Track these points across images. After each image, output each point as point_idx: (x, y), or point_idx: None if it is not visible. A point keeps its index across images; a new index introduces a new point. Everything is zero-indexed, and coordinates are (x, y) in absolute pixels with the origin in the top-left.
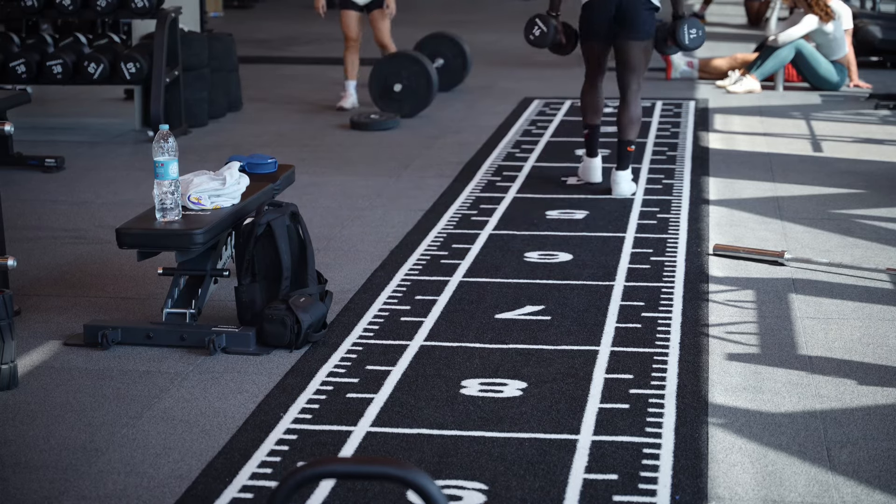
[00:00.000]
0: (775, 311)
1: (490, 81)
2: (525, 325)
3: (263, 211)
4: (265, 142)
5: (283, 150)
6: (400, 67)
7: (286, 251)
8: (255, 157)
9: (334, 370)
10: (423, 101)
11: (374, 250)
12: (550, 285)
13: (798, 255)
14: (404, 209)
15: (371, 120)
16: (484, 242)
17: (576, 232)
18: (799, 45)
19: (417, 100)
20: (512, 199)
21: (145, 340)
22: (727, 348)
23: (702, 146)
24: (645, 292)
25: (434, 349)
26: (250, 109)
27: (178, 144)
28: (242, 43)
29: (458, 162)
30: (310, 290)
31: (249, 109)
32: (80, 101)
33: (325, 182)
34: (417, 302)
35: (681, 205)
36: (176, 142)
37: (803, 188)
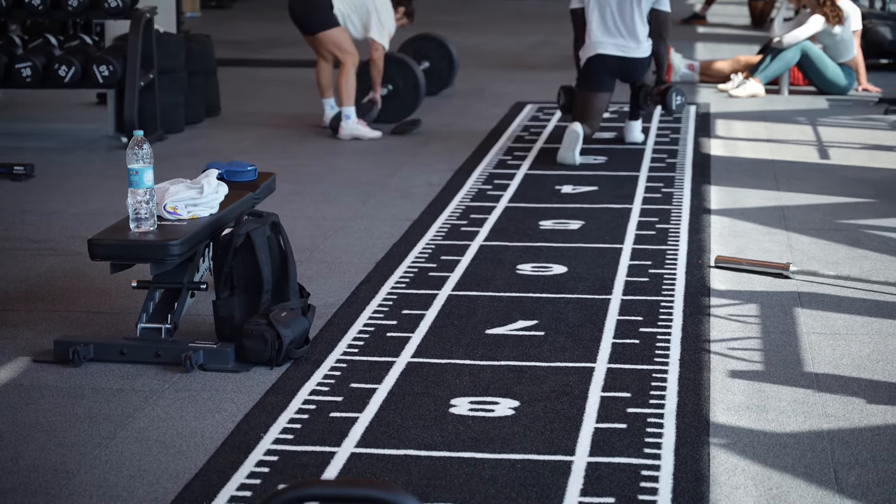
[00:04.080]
0: (780, 327)
1: (480, 85)
2: (517, 340)
3: (243, 221)
4: (244, 148)
5: (263, 157)
6: (386, 71)
7: (266, 263)
8: (234, 165)
9: (317, 388)
10: (410, 106)
11: (358, 262)
12: (544, 299)
13: (804, 268)
14: (391, 219)
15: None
16: (474, 254)
17: (570, 243)
18: (805, 47)
19: (404, 105)
20: (504, 208)
21: (119, 357)
22: (730, 365)
23: (703, 153)
24: (643, 306)
25: (422, 366)
26: (229, 114)
27: (154, 151)
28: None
29: (447, 169)
30: (291, 304)
31: (228, 114)
32: (51, 106)
33: (307, 191)
34: (404, 316)
35: (681, 214)
36: (151, 148)
37: (809, 197)
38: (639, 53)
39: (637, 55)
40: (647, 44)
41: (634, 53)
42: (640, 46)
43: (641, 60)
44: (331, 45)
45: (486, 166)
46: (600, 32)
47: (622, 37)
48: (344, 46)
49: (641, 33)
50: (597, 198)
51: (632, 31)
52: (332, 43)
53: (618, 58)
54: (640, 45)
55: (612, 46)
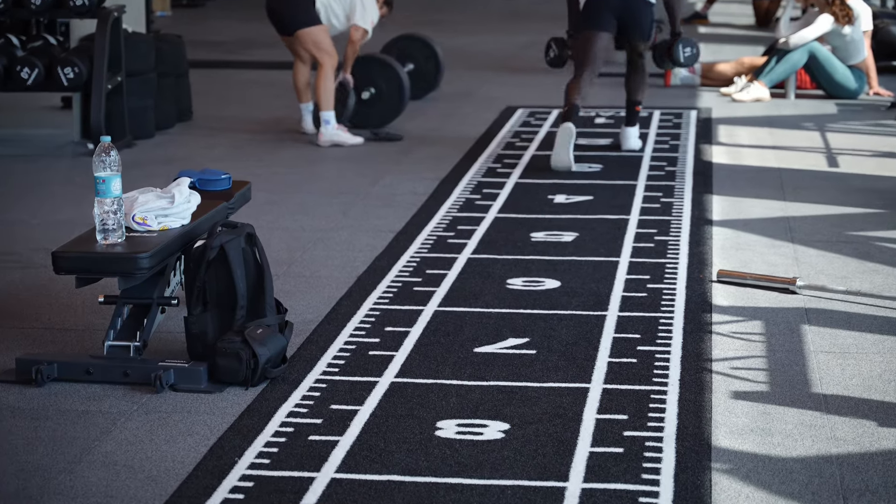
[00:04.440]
0: (786, 345)
1: (468, 88)
2: (507, 359)
3: (216, 232)
4: (218, 155)
5: (238, 165)
6: (368, 73)
7: (241, 277)
8: (207, 173)
9: (295, 410)
10: (393, 110)
11: (339, 276)
12: (536, 315)
13: (811, 282)
14: (373, 230)
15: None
16: (462, 268)
17: (564, 256)
18: (813, 49)
19: (387, 109)
20: (493, 219)
21: (84, 376)
22: (733, 386)
23: (704, 160)
24: (641, 323)
25: (406, 386)
26: (202, 119)
27: (122, 158)
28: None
29: (433, 178)
30: (268, 321)
31: (201, 119)
32: (13, 110)
33: (284, 200)
34: (388, 334)
35: (681, 226)
36: (119, 155)
37: (817, 207)
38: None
39: None
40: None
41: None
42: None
43: (646, 4)
44: (310, 44)
45: (475, 174)
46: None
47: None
48: (323, 46)
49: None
50: (592, 208)
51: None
52: (312, 42)
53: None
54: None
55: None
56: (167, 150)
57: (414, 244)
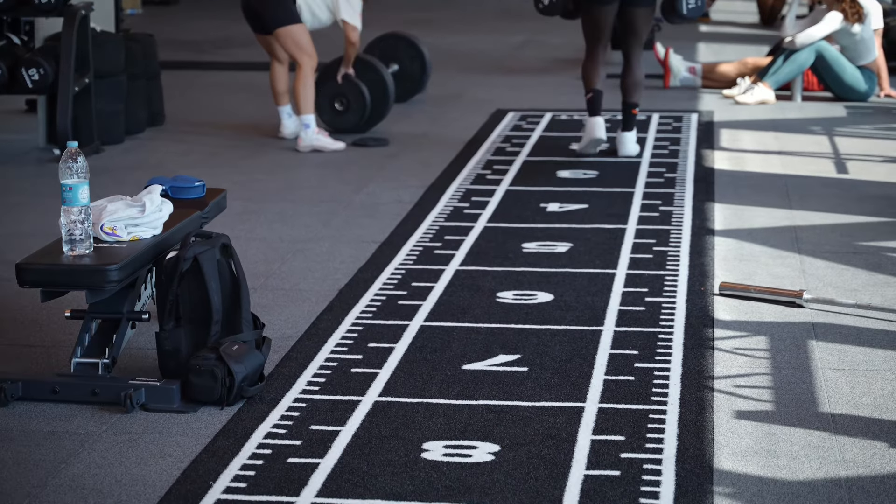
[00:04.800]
0: (792, 362)
1: (456, 90)
2: (497, 377)
3: (190, 243)
4: (192, 161)
5: (212, 172)
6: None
7: (216, 290)
8: (179, 180)
9: (273, 431)
10: (377, 114)
11: (319, 289)
12: (527, 331)
13: (819, 296)
14: (355, 241)
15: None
16: (449, 280)
17: (557, 268)
18: (820, 48)
19: (371, 112)
20: (482, 229)
21: (51, 396)
22: (736, 405)
23: (706, 167)
24: (639, 339)
25: (390, 406)
26: (174, 123)
27: (90, 165)
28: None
29: (419, 185)
30: (244, 337)
31: (173, 123)
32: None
33: (262, 209)
34: (371, 350)
35: (681, 236)
36: (86, 162)
37: (825, 216)
38: None
39: None
40: None
41: None
42: None
43: None
44: (290, 43)
45: (463, 181)
46: None
47: None
48: (304, 45)
49: None
50: (587, 217)
51: None
52: (292, 41)
53: None
54: None
55: None
56: (137, 156)
57: (399, 255)
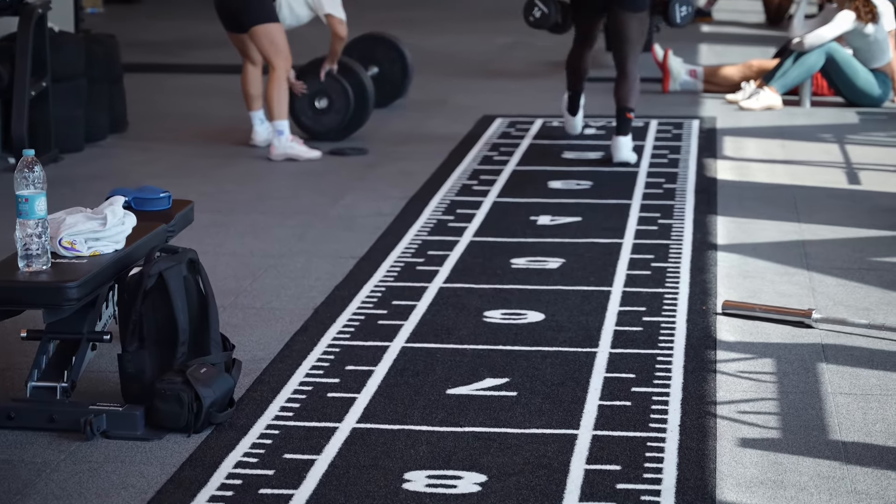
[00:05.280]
0: (800, 386)
1: (440, 95)
2: (484, 402)
3: (154, 258)
4: (157, 171)
5: (179, 182)
6: (327, 78)
7: (183, 309)
8: (144, 191)
9: (244, 459)
10: (355, 120)
11: (293, 308)
12: (516, 353)
13: (829, 315)
14: (332, 256)
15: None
16: (433, 299)
17: (549, 285)
18: (831, 50)
19: (348, 119)
20: (468, 243)
21: (5, 422)
22: (740, 432)
23: (708, 177)
24: (636, 362)
25: (370, 433)
26: (138, 130)
27: (47, 174)
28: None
29: (401, 197)
30: (213, 359)
31: (137, 130)
32: None
33: (232, 222)
34: (349, 373)
35: (681, 251)
36: (44, 171)
37: (836, 230)
38: None
39: None
40: None
41: None
42: None
43: None
44: (266, 43)
45: (448, 193)
46: None
47: None
48: (280, 46)
49: None
50: (580, 231)
51: None
52: (269, 41)
53: None
54: None
55: None
56: (99, 165)
57: (378, 272)
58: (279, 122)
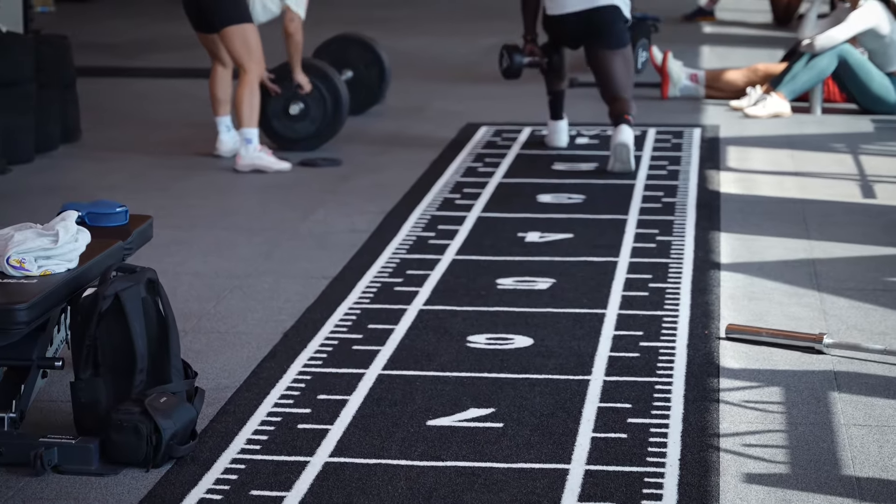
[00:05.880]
0: (811, 417)
1: (420, 101)
2: (468, 434)
3: (110, 279)
4: (113, 183)
5: (137, 196)
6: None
7: (141, 333)
8: (99, 206)
9: (207, 497)
10: (328, 128)
11: (261, 332)
12: (503, 380)
13: (842, 340)
14: (303, 276)
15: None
16: (412, 322)
17: (538, 307)
18: (843, 53)
19: (320, 126)
20: (450, 262)
21: None
22: (745, 466)
23: (710, 190)
24: (632, 390)
25: (344, 468)
26: (92, 139)
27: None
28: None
29: (378, 211)
30: (173, 387)
31: (91, 139)
32: None
33: (194, 239)
34: (321, 403)
35: (681, 270)
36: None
37: (849, 248)
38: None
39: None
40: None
41: (602, 2)
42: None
43: (613, 10)
44: (238, 45)
45: (428, 207)
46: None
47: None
48: (253, 49)
49: None
50: (572, 248)
51: None
52: (242, 42)
53: (580, 13)
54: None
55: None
56: (50, 178)
57: (353, 293)
58: (248, 131)
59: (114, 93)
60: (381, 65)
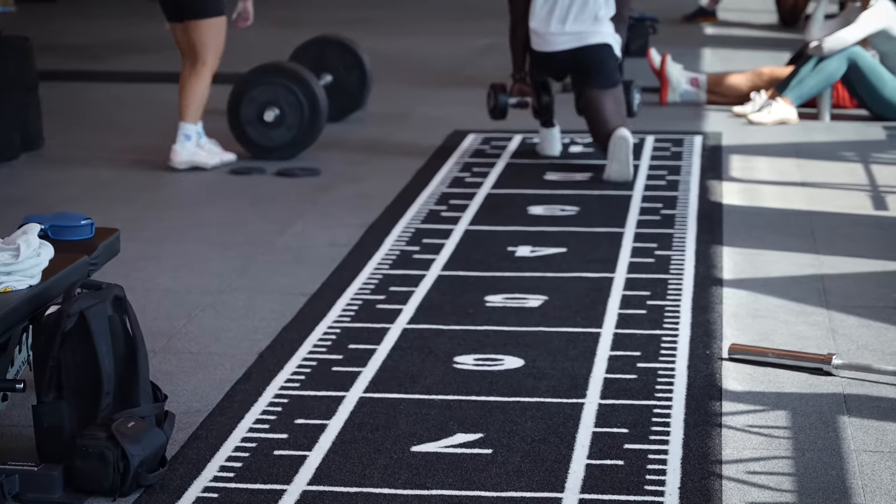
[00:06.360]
0: (819, 442)
1: (404, 107)
2: (455, 461)
3: (75, 296)
4: (77, 195)
5: (103, 208)
6: (272, 87)
7: (107, 354)
8: (62, 218)
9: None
10: (305, 136)
11: (235, 353)
12: (492, 404)
13: (852, 360)
14: (279, 293)
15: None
16: (395, 342)
17: (529, 326)
18: (853, 55)
19: (298, 134)
20: (436, 277)
21: None
22: (749, 495)
23: (712, 201)
24: (629, 414)
25: (323, 497)
26: (56, 147)
27: None
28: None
29: (359, 224)
30: (142, 411)
31: (55, 147)
32: None
33: (164, 254)
34: (298, 428)
35: (681, 287)
36: None
37: (859, 263)
38: (597, 39)
39: (595, 41)
40: (608, 26)
41: (592, 39)
42: (599, 30)
43: (604, 47)
44: (209, 37)
45: (413, 220)
46: (545, 17)
47: (575, 20)
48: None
49: (603, 13)
50: (565, 263)
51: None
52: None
53: (569, 52)
54: (599, 29)
55: (562, 38)
56: (10, 188)
57: (332, 311)
58: (189, 126)
59: (79, 97)
60: (362, 68)
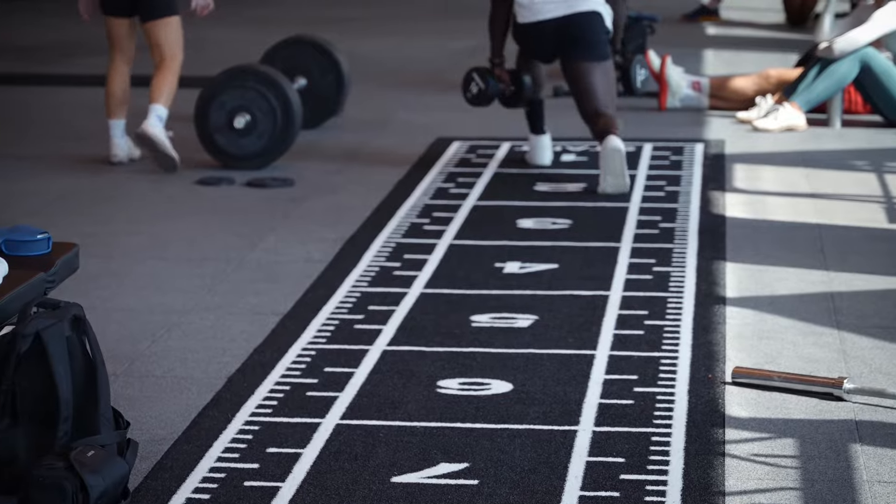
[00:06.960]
0: (829, 472)
1: (384, 112)
2: (438, 492)
3: (30, 315)
4: (33, 207)
5: (60, 221)
6: (242, 92)
7: (65, 378)
8: (17, 232)
9: None
10: (278, 144)
11: (202, 377)
12: (478, 431)
13: (864, 385)
14: (250, 312)
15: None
16: (374, 364)
17: (518, 348)
18: (866, 57)
19: (270, 141)
20: (419, 296)
21: None
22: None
23: (714, 214)
24: (626, 442)
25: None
26: (6, 157)
27: None
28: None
29: (335, 238)
30: (102, 439)
31: (5, 157)
32: None
33: (126, 270)
34: (270, 457)
35: (681, 306)
36: None
37: (872, 280)
38: (586, 6)
39: (583, 8)
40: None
41: (581, 7)
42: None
43: (594, 15)
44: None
45: (393, 234)
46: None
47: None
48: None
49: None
50: (557, 280)
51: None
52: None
53: (556, 21)
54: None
55: (549, 5)
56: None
57: (307, 332)
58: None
59: (29, 103)
60: (339, 71)
